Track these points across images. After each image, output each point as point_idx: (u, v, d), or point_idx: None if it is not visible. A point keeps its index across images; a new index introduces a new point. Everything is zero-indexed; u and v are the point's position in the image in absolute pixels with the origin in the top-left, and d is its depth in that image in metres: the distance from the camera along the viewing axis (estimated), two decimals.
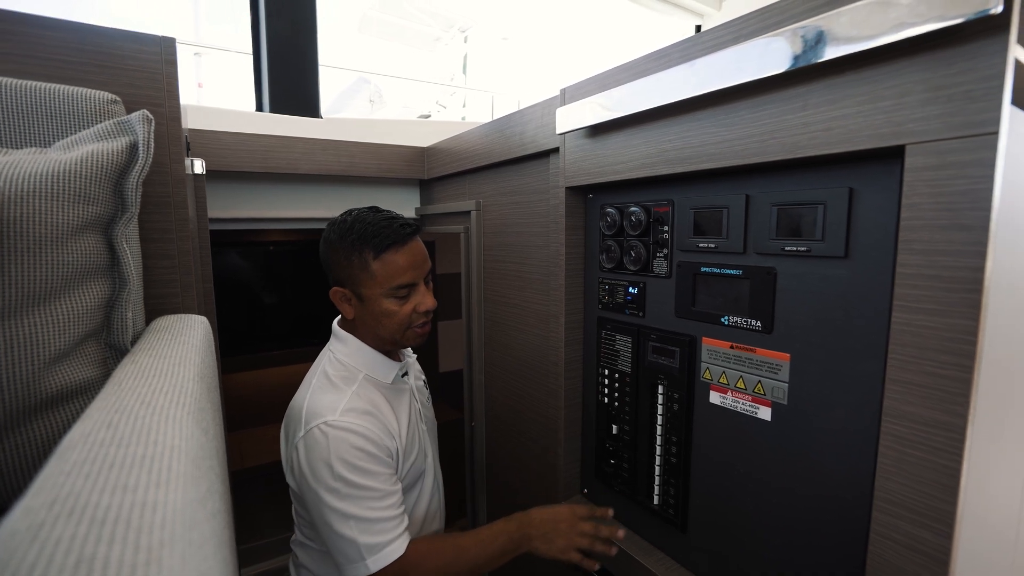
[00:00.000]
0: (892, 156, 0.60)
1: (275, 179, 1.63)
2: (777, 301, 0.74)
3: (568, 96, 1.03)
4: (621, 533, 0.98)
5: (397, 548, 0.88)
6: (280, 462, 1.00)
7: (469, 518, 1.71)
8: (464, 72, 7.93)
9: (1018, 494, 0.75)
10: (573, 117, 0.98)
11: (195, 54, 6.97)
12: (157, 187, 0.76)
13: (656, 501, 0.97)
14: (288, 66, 1.77)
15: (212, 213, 1.48)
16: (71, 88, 0.63)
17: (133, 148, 0.57)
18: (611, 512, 1.02)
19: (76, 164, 0.53)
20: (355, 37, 7.64)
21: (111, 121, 0.58)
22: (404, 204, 1.87)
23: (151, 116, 0.58)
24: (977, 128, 0.50)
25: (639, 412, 0.99)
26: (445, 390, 2.62)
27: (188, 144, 1.02)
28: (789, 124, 0.66)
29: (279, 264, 2.86)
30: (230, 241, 2.70)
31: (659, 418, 0.95)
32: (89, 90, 0.64)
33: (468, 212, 1.52)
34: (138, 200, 0.58)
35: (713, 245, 0.82)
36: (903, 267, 0.57)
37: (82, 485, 0.25)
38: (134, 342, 0.60)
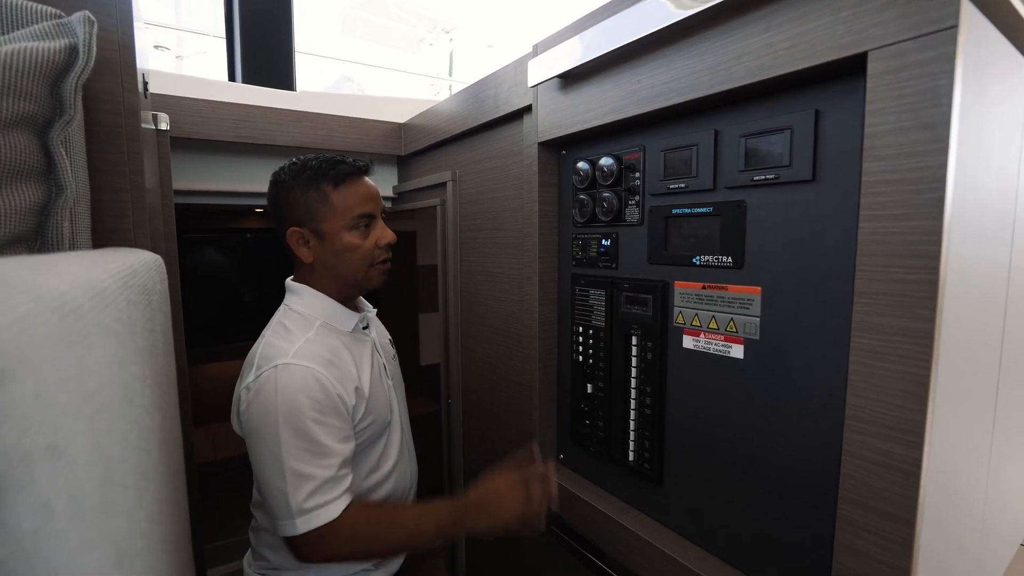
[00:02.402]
0: (855, 72, 0.59)
1: (247, 151, 1.59)
2: (747, 235, 0.73)
3: (540, 50, 1.02)
4: (554, 489, 0.94)
5: (330, 511, 0.83)
6: None
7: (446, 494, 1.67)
8: (450, 74, 7.95)
9: (990, 413, 0.74)
10: (545, 66, 0.97)
11: (176, 57, 6.88)
12: (108, 116, 0.72)
13: (631, 457, 0.95)
14: (262, 36, 1.74)
15: (178, 185, 1.43)
16: None
17: (73, 50, 0.54)
18: (551, 466, 0.98)
19: (8, 56, 0.50)
20: (338, 37, 7.62)
21: (49, 23, 0.55)
22: (382, 182, 1.84)
23: (93, 18, 0.56)
24: (937, 24, 0.50)
25: (613, 367, 0.97)
26: (425, 384, 2.58)
27: (147, 86, 0.98)
28: (755, 47, 0.65)
29: (256, 253, 2.80)
30: (206, 228, 2.64)
31: (633, 370, 0.93)
32: (28, 2, 0.61)
33: (444, 184, 1.50)
34: (78, 104, 0.55)
35: (684, 185, 0.81)
36: (868, 175, 0.56)
37: None
38: None
